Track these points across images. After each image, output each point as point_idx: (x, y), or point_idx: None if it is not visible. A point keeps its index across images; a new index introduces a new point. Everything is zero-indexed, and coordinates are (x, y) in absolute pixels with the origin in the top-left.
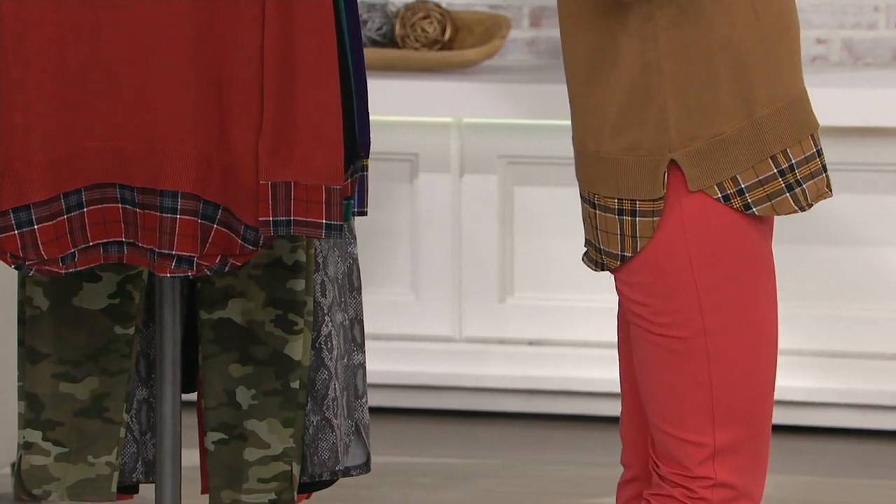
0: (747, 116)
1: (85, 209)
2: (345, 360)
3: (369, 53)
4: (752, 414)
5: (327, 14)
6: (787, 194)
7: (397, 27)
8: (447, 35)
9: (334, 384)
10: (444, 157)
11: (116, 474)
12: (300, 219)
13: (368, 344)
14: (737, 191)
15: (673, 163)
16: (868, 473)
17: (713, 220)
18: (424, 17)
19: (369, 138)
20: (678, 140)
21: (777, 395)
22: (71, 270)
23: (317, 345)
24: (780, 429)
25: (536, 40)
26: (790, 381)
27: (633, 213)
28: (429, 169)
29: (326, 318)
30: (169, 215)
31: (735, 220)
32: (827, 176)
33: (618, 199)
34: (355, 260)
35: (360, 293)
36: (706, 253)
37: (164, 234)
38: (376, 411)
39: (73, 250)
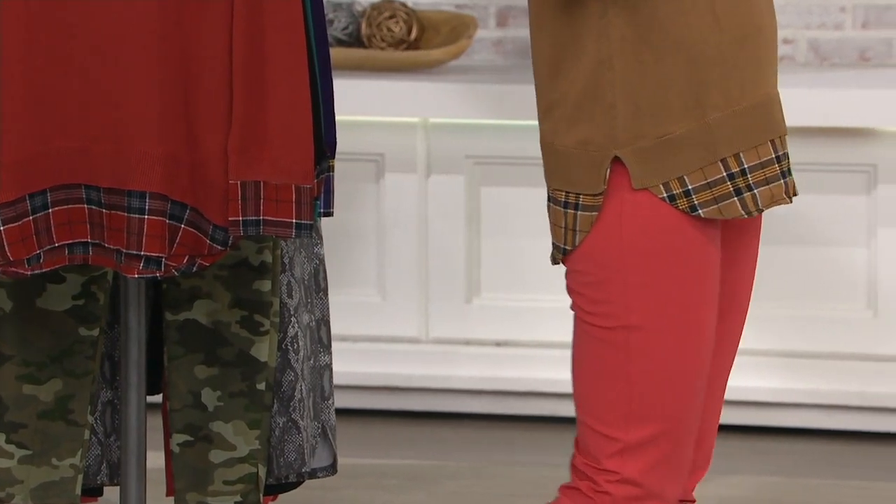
0: (698, 118)
1: (50, 210)
2: (311, 362)
3: (335, 53)
4: (669, 414)
5: (296, 13)
6: (735, 198)
7: (363, 27)
8: (413, 35)
9: (300, 385)
10: (410, 158)
11: (80, 477)
12: (270, 218)
13: (335, 345)
14: (683, 191)
15: (618, 160)
16: (834, 474)
17: (653, 218)
18: (391, 17)
19: (335, 138)
20: (625, 137)
21: (743, 396)
22: (36, 272)
23: (283, 346)
24: (745, 429)
25: (503, 40)
26: (756, 381)
27: (577, 207)
28: (395, 169)
29: (293, 319)
30: (136, 215)
31: (677, 221)
32: (787, 182)
33: (565, 192)
34: (322, 261)
35: (327, 294)
36: (640, 249)
37: (131, 235)
38: (343, 413)
39: (38, 251)
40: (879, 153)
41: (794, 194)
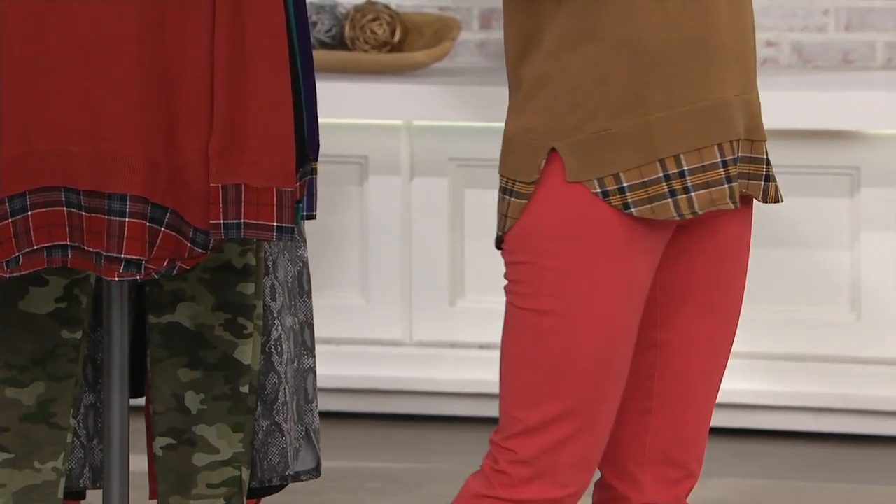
0: (639, 117)
1: (29, 212)
2: (295, 365)
3: (318, 55)
4: (569, 400)
5: (278, 15)
6: (670, 199)
7: (347, 29)
8: (397, 37)
9: (284, 388)
10: (394, 160)
11: (63, 480)
12: (251, 221)
13: (319, 348)
14: (617, 188)
15: (556, 151)
16: (818, 476)
17: (582, 212)
18: (374, 20)
19: (318, 141)
20: (562, 130)
21: (726, 398)
22: (15, 275)
23: (266, 349)
24: (729, 431)
25: (486, 42)
26: (739, 383)
27: (512, 194)
28: (379, 172)
29: (276, 321)
30: (117, 218)
31: (606, 217)
32: (732, 188)
33: (506, 179)
34: (305, 263)
35: (311, 297)
36: (561, 237)
37: (111, 238)
38: (326, 415)
39: (17, 254)
40: (863, 156)
41: (777, 200)
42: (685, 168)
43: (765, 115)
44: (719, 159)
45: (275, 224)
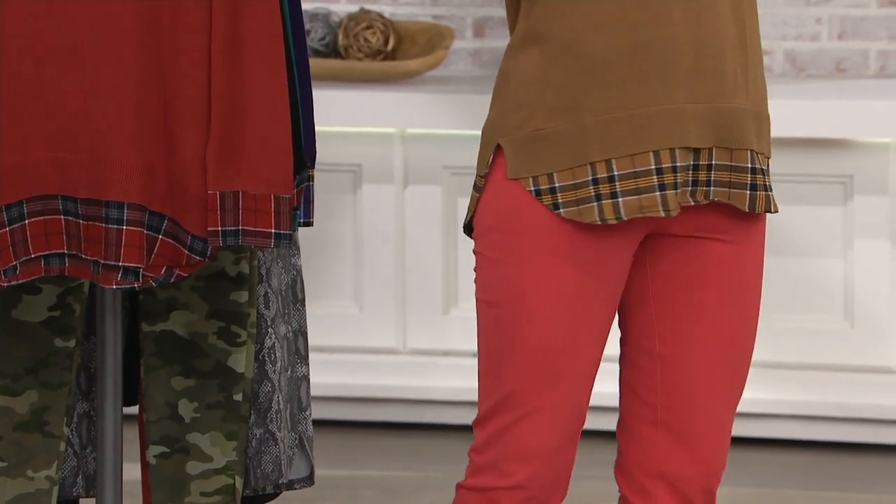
0: (575, 119)
1: (27, 221)
2: (288, 373)
3: (312, 63)
4: (509, 391)
5: (275, 23)
6: (595, 203)
7: (340, 37)
8: (390, 45)
9: (278, 397)
10: (387, 168)
11: (56, 489)
12: (249, 228)
13: (312, 356)
14: (549, 188)
15: (500, 147)
16: (811, 484)
17: (519, 208)
18: (367, 28)
19: (315, 148)
20: (508, 127)
21: None
22: (13, 283)
23: (260, 357)
24: None
25: (480, 51)
26: None
27: (474, 186)
28: (372, 180)
29: (270, 330)
30: (115, 226)
31: (540, 216)
32: (666, 195)
33: (476, 174)
34: (299, 271)
35: (304, 305)
36: (501, 230)
37: (109, 246)
38: (320, 424)
39: (14, 263)
40: (856, 164)
41: (768, 210)
42: (615, 173)
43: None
44: (653, 166)
45: (273, 231)
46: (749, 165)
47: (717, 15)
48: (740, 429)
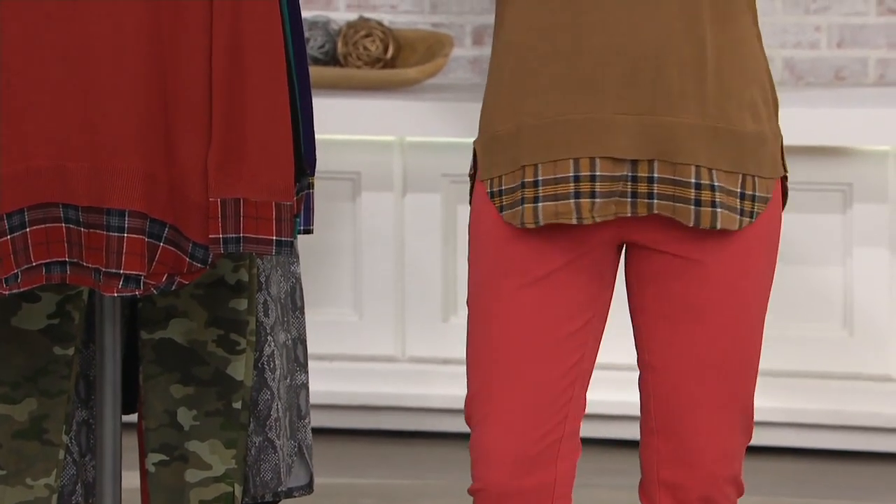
0: (515, 124)
1: (28, 229)
2: (287, 381)
3: (311, 71)
4: (471, 394)
5: (276, 30)
6: (520, 207)
7: (339, 45)
8: (390, 53)
9: (277, 404)
10: (386, 176)
11: (55, 497)
12: (250, 236)
13: (311, 364)
14: (498, 191)
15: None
16: (809, 493)
17: (481, 210)
18: (367, 36)
19: (315, 156)
20: (480, 129)
21: None
22: (14, 291)
23: (259, 365)
24: None
25: (479, 58)
26: None
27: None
28: (371, 188)
29: (269, 337)
30: (116, 234)
31: (494, 218)
32: (581, 203)
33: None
34: (298, 279)
35: (303, 313)
36: (471, 234)
37: (110, 254)
38: (319, 432)
39: (16, 271)
40: (855, 172)
41: (713, 227)
42: (539, 178)
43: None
44: (571, 174)
45: (274, 238)
46: (693, 181)
47: (664, 30)
48: None
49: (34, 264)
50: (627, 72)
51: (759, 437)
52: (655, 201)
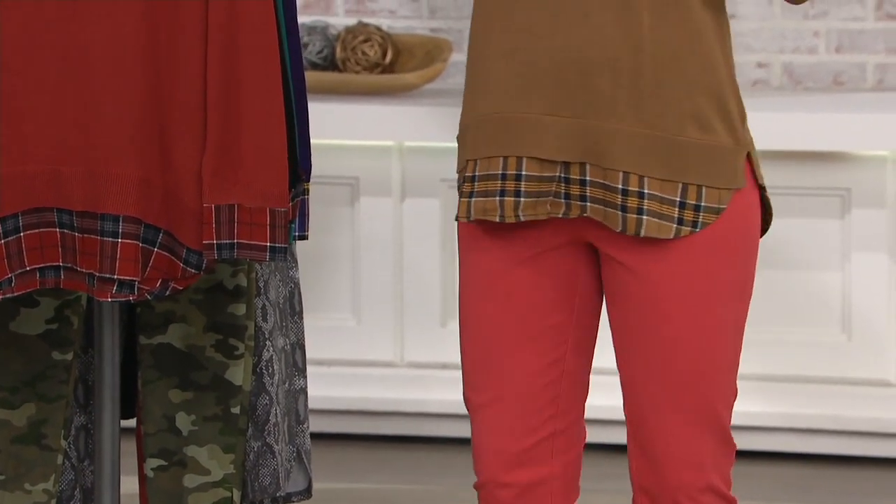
0: (468, 120)
1: (22, 234)
2: (286, 386)
3: (310, 77)
4: (464, 391)
5: (271, 35)
6: (459, 200)
7: (338, 50)
8: (388, 58)
9: (275, 409)
10: (385, 181)
11: (54, 502)
12: (244, 242)
13: (310, 369)
14: (458, 185)
15: None
16: (808, 498)
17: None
18: (365, 41)
19: (310, 162)
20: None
21: None
22: (8, 296)
23: (258, 370)
24: None
25: None
26: None
27: None
28: (370, 193)
29: (268, 342)
30: (110, 239)
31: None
32: (504, 201)
33: None
34: (297, 284)
35: (302, 318)
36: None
37: (104, 259)
38: (318, 437)
39: (10, 275)
40: (853, 177)
41: (639, 234)
42: (476, 174)
43: (757, 136)
44: (499, 171)
45: (268, 244)
46: (620, 186)
47: (596, 34)
48: (739, 442)
49: (28, 269)
50: (555, 73)
51: (758, 442)
52: (588, 204)
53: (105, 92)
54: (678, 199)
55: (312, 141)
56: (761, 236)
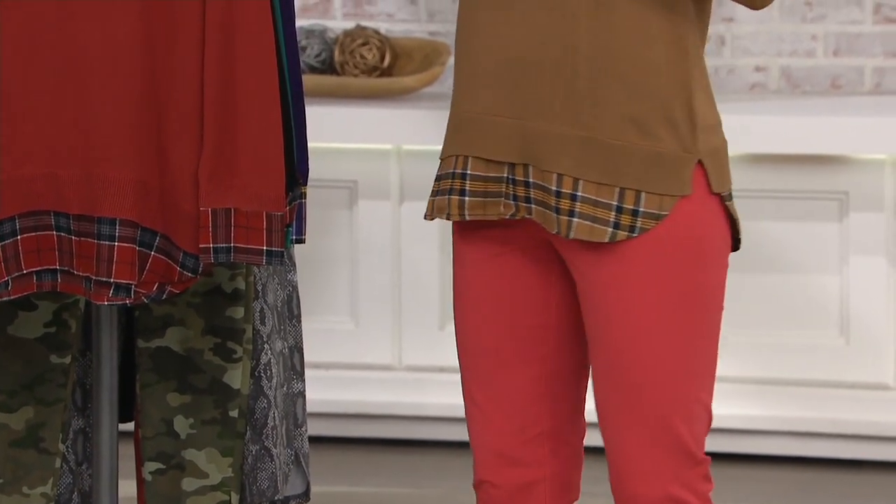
0: (453, 113)
1: (19, 237)
2: (284, 389)
3: (308, 80)
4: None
5: (268, 39)
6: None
7: (336, 54)
8: (386, 62)
9: (273, 413)
10: (383, 185)
11: None
12: (240, 245)
13: (308, 372)
14: None
15: None
16: (807, 501)
17: None
18: (364, 44)
19: (308, 165)
20: None
21: (715, 423)
22: (4, 299)
23: (256, 373)
24: (718, 456)
25: None
26: (728, 408)
27: None
28: (368, 196)
29: (266, 346)
30: (107, 242)
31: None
32: (451, 199)
33: None
34: (295, 287)
35: (300, 321)
36: None
37: (101, 262)
38: (316, 440)
39: (7, 278)
40: (851, 180)
41: (568, 236)
42: (439, 173)
43: (755, 140)
44: (451, 170)
45: (264, 248)
46: (554, 188)
47: (535, 35)
48: (736, 445)
49: (25, 272)
50: (498, 74)
51: (755, 446)
52: (532, 206)
53: (102, 96)
54: (615, 202)
55: (310, 144)
56: (735, 248)
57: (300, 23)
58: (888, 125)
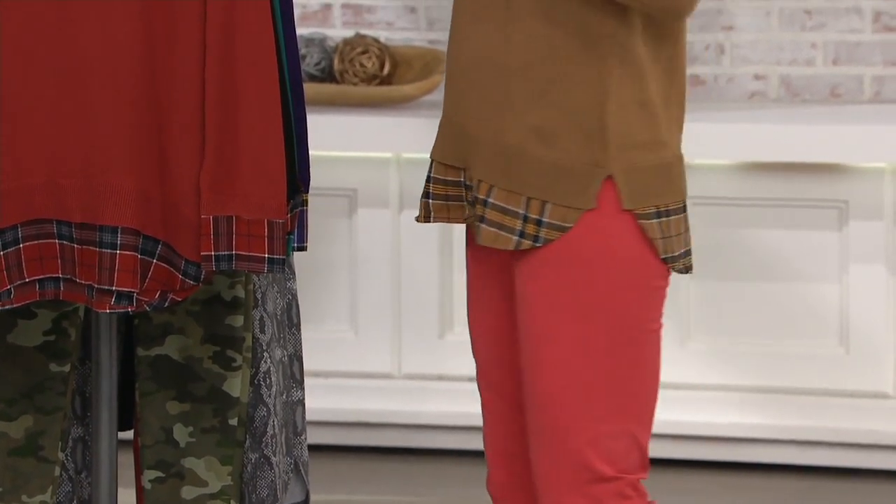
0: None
1: (21, 245)
2: (283, 397)
3: (308, 88)
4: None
5: (269, 47)
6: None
7: (336, 62)
8: (386, 70)
9: (273, 421)
10: (383, 193)
11: None
12: (242, 253)
13: (307, 380)
14: None
15: None
16: None
17: None
18: (363, 52)
19: (309, 173)
20: None
21: (714, 432)
22: (7, 307)
23: (255, 381)
24: (718, 465)
25: None
26: (728, 417)
27: None
28: (368, 204)
29: (265, 354)
30: (108, 251)
31: None
32: (421, 202)
33: None
34: (294, 296)
35: (300, 329)
36: None
37: (103, 270)
38: (315, 448)
39: (9, 287)
40: (851, 189)
41: (481, 241)
42: (431, 175)
43: (754, 148)
44: (427, 173)
45: (266, 256)
46: (475, 194)
47: (472, 40)
48: (736, 454)
49: (27, 280)
50: (451, 78)
51: (755, 454)
52: (438, 201)
53: (103, 104)
54: (522, 211)
55: (310, 152)
56: (684, 270)
57: (300, 31)
58: (888, 133)
